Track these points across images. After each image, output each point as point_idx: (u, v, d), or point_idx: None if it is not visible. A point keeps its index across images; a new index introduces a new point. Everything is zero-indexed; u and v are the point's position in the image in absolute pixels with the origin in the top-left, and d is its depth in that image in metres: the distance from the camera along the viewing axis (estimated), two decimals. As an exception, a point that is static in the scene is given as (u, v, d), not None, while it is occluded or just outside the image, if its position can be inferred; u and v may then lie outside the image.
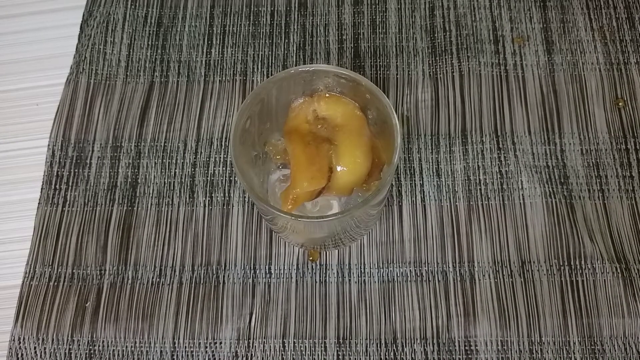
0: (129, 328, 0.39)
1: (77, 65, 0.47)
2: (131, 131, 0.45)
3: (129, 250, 0.41)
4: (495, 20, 0.48)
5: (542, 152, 0.43)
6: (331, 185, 0.36)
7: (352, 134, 0.36)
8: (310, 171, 0.35)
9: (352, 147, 0.36)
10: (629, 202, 0.42)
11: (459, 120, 0.44)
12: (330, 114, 0.37)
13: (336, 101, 0.37)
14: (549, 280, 0.40)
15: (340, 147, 0.36)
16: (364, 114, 0.37)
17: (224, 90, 0.46)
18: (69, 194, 0.43)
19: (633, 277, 0.39)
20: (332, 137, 0.36)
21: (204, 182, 0.43)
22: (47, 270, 0.41)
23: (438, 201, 0.42)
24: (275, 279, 0.40)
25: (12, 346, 0.39)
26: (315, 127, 0.37)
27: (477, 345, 0.38)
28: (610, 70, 0.46)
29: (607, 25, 0.48)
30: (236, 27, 0.49)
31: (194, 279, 0.40)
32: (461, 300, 0.39)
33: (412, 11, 0.49)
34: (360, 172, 0.36)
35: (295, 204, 0.35)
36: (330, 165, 0.36)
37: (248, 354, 0.39)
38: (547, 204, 0.41)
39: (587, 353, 0.38)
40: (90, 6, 0.50)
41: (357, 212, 0.34)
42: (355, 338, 0.39)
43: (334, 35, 0.48)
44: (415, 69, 0.46)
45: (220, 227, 0.42)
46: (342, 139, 0.36)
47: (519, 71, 0.46)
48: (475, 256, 0.40)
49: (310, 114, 0.37)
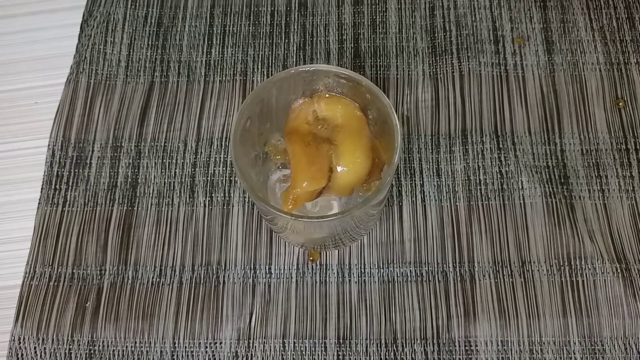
0: (129, 328, 0.39)
1: (77, 65, 0.47)
2: (131, 131, 0.45)
3: (129, 250, 0.41)
4: (495, 20, 0.48)
5: (542, 152, 0.43)
6: (332, 185, 0.36)
7: (352, 134, 0.36)
8: (311, 171, 0.35)
9: (353, 147, 0.36)
10: (629, 202, 0.42)
11: (459, 120, 0.44)
12: (330, 114, 0.37)
13: (336, 101, 0.37)
14: (549, 280, 0.40)
15: (340, 147, 0.36)
16: (364, 114, 0.37)
17: (224, 90, 0.46)
18: (69, 194, 0.43)
19: (633, 277, 0.39)
20: (332, 137, 0.36)
21: (204, 182, 0.43)
22: (47, 270, 0.41)
23: (438, 201, 0.42)
24: (275, 279, 0.40)
25: (12, 346, 0.39)
26: (315, 127, 0.37)
27: (478, 345, 0.38)
28: (611, 70, 0.46)
29: (607, 25, 0.48)
30: (236, 27, 0.49)
31: (194, 279, 0.40)
32: (461, 301, 0.39)
33: (412, 11, 0.49)
34: (360, 172, 0.36)
35: (296, 204, 0.35)
36: (331, 165, 0.36)
37: (248, 354, 0.39)
38: (547, 204, 0.41)
39: (587, 353, 0.38)
40: (90, 6, 0.50)
41: (357, 212, 0.34)
42: (355, 338, 0.39)
43: (334, 35, 0.48)
44: (415, 69, 0.46)
45: (220, 227, 0.42)
46: (342, 139, 0.36)
47: (519, 71, 0.46)
48: (475, 256, 0.40)
49: (310, 115, 0.37)
